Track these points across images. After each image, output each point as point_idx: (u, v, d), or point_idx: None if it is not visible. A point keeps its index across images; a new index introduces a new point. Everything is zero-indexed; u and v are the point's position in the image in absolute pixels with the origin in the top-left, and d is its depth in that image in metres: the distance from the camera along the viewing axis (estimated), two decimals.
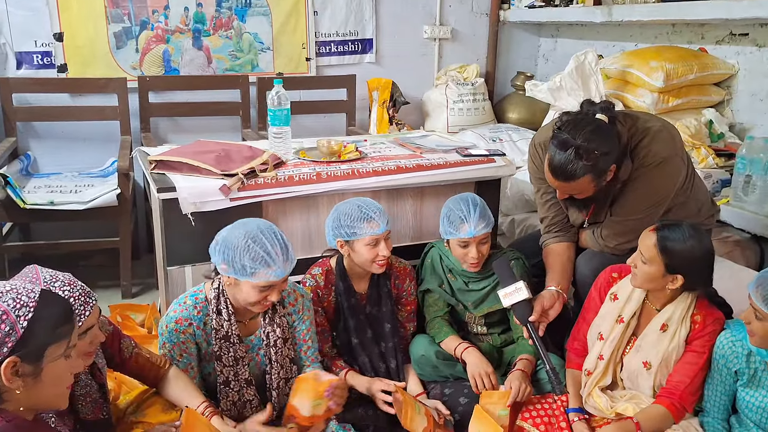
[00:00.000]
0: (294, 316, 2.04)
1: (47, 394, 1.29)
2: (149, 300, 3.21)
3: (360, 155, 2.66)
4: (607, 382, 2.06)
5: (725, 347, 1.85)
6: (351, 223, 2.16)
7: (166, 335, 1.91)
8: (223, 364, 1.93)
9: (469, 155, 2.73)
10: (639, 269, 1.92)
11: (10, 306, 1.22)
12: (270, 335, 1.97)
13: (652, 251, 1.87)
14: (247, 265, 1.78)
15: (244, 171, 2.34)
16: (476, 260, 2.29)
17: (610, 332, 2.04)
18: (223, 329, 1.91)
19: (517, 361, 2.25)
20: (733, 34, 3.28)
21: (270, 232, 1.83)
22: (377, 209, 2.19)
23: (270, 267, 1.79)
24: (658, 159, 2.14)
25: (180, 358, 1.92)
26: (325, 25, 4.12)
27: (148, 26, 3.73)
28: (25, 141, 3.65)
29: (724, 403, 1.90)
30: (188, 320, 1.91)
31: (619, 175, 2.14)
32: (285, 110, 2.58)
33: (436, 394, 2.27)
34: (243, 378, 1.95)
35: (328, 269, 2.32)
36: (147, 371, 1.87)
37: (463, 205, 2.28)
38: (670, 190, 2.20)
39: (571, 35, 4.43)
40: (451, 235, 2.30)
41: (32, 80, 3.54)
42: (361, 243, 2.18)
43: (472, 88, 4.25)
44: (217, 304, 1.91)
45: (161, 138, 3.85)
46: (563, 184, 2.08)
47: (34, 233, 3.61)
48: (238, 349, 1.93)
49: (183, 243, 2.30)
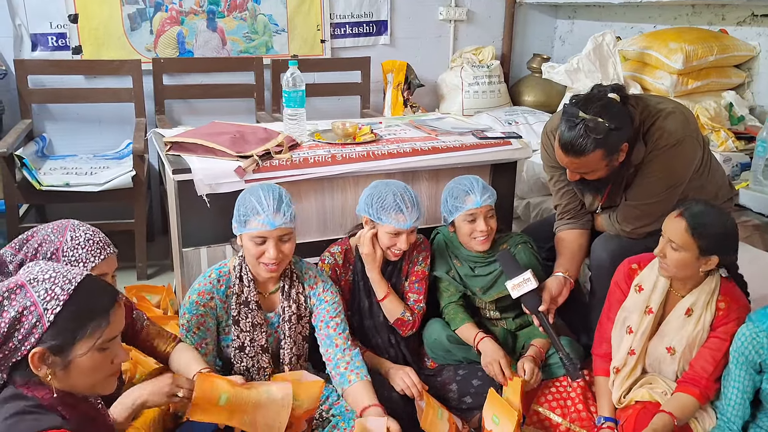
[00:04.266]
0: (313, 298, 2.06)
1: (82, 383, 1.28)
2: (164, 282, 3.23)
3: (375, 137, 2.64)
4: (636, 375, 2.02)
5: (747, 339, 1.77)
6: (381, 207, 2.14)
7: (188, 306, 1.95)
8: (240, 329, 1.97)
9: (485, 137, 2.70)
10: (670, 258, 1.87)
11: (41, 297, 1.21)
12: (286, 310, 2.01)
13: (685, 236, 1.83)
14: (242, 213, 1.89)
15: (259, 153, 2.33)
16: (485, 233, 2.27)
17: (639, 324, 2.00)
18: (244, 294, 1.97)
19: (528, 348, 2.25)
20: (755, 15, 3.22)
21: (270, 187, 1.93)
22: (411, 204, 2.15)
23: (259, 215, 1.86)
24: (673, 140, 2.10)
25: (197, 331, 1.94)
26: (340, 6, 4.09)
27: (163, 8, 3.71)
28: (40, 123, 3.66)
29: (742, 404, 1.83)
30: (210, 294, 1.96)
31: (631, 158, 2.12)
32: (300, 92, 2.56)
33: (449, 376, 2.26)
34: (259, 345, 1.99)
35: (348, 249, 2.31)
36: (157, 343, 1.88)
37: (464, 181, 2.31)
38: (686, 171, 2.17)
39: (588, 16, 4.37)
40: (457, 210, 2.28)
41: (47, 62, 3.54)
42: (384, 230, 2.17)
43: (488, 71, 4.21)
44: (239, 271, 1.98)
45: (175, 120, 3.85)
46: (574, 160, 2.06)
47: (49, 214, 3.62)
48: (256, 315, 1.98)
49: (198, 225, 2.30)
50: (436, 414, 2.03)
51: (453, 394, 2.21)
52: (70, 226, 1.68)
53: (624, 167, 2.14)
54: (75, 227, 1.68)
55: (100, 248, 1.68)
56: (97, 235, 1.70)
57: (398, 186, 2.20)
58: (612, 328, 2.08)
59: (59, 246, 1.64)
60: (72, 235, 1.65)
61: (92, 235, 1.68)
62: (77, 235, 1.66)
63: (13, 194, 3.04)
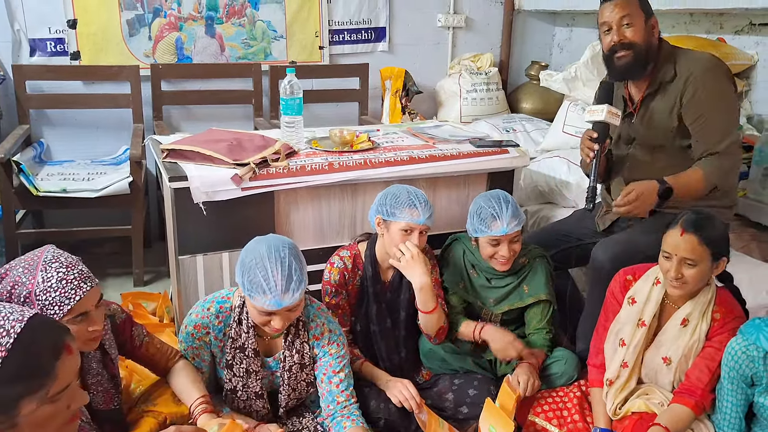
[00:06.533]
0: (317, 349, 1.94)
1: None
2: (161, 288, 3.22)
3: (372, 145, 2.64)
4: (630, 387, 2.02)
5: (738, 353, 1.76)
6: (395, 203, 2.17)
7: (184, 335, 1.90)
8: (233, 373, 1.89)
9: (482, 146, 2.70)
10: (689, 275, 1.86)
11: None
12: (287, 359, 1.91)
13: (699, 249, 1.83)
14: (246, 286, 1.73)
15: (256, 160, 2.32)
16: (507, 259, 2.26)
17: (632, 337, 2.00)
18: (240, 340, 1.87)
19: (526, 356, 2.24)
20: (753, 24, 3.22)
21: (279, 256, 1.72)
22: (424, 201, 2.18)
23: (266, 295, 1.71)
24: (707, 69, 2.24)
25: (192, 361, 1.91)
26: (339, 13, 4.09)
27: (161, 14, 3.71)
28: (38, 128, 3.66)
29: (736, 418, 1.82)
30: (206, 328, 1.89)
31: (659, 73, 2.28)
32: (297, 99, 2.56)
33: (445, 385, 2.26)
34: (253, 391, 1.91)
35: (357, 253, 2.31)
36: (157, 360, 1.87)
37: (494, 202, 2.25)
38: (732, 90, 2.27)
39: (586, 24, 4.38)
40: (481, 232, 2.27)
41: (45, 67, 3.53)
42: (397, 226, 2.17)
43: (486, 78, 4.21)
44: (239, 313, 1.87)
45: (173, 126, 3.84)
46: (615, 3, 2.24)
47: (47, 220, 3.62)
48: (252, 362, 1.88)
49: (195, 232, 2.30)
50: (438, 425, 2.04)
51: (449, 404, 2.21)
52: (42, 265, 1.51)
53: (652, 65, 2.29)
54: (47, 265, 1.51)
55: (76, 287, 1.51)
56: (72, 272, 1.53)
57: (410, 187, 2.24)
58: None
59: (31, 289, 1.49)
60: (44, 277, 1.49)
61: (65, 273, 1.51)
62: (49, 276, 1.50)
63: (10, 200, 3.04)
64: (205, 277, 2.35)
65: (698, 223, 1.84)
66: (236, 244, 2.28)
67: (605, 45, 2.33)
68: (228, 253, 2.35)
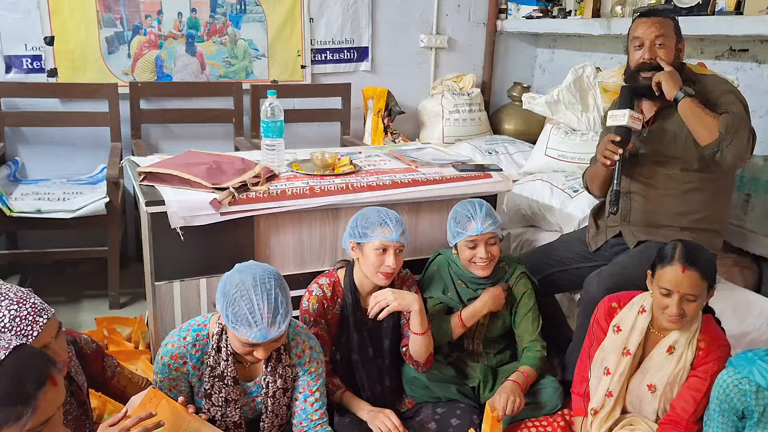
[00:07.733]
0: (298, 368, 1.91)
1: None
2: (138, 311, 3.15)
3: (354, 168, 2.61)
4: (615, 417, 2.00)
5: (729, 386, 1.75)
6: (366, 224, 2.14)
7: (160, 366, 1.81)
8: (212, 403, 1.83)
9: (465, 170, 2.68)
10: (689, 310, 1.85)
11: None
12: (270, 385, 1.86)
13: (700, 284, 1.83)
14: (231, 318, 1.67)
15: (235, 185, 2.28)
16: (485, 260, 2.27)
17: (617, 366, 1.98)
18: (219, 368, 1.81)
19: (512, 373, 2.22)
20: (733, 50, 3.24)
21: (265, 288, 1.67)
22: (395, 218, 2.16)
23: (251, 328, 1.65)
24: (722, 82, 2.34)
25: (168, 393, 1.81)
26: (321, 32, 4.08)
27: (141, 31, 3.67)
28: (13, 146, 3.59)
29: None
30: (183, 358, 1.81)
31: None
32: (278, 122, 2.53)
33: (427, 414, 2.22)
34: (232, 420, 1.86)
35: (336, 281, 2.25)
36: (129, 392, 1.82)
37: (469, 205, 2.31)
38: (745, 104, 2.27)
39: (568, 46, 4.40)
40: (459, 235, 2.28)
41: (21, 85, 3.47)
42: (371, 246, 2.12)
43: (468, 99, 4.21)
44: (218, 341, 1.80)
45: (152, 145, 3.79)
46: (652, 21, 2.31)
47: (20, 241, 3.54)
48: (231, 391, 1.83)
49: (172, 258, 2.25)
50: None
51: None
52: None
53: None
54: None
55: (30, 323, 1.41)
56: (24, 307, 1.43)
57: (381, 207, 2.22)
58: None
59: None
60: None
61: (18, 309, 1.41)
62: (0, 315, 1.40)
63: None
64: (182, 304, 2.30)
65: (696, 258, 1.83)
66: (214, 270, 2.25)
67: (634, 60, 2.37)
68: (206, 279, 2.30)
